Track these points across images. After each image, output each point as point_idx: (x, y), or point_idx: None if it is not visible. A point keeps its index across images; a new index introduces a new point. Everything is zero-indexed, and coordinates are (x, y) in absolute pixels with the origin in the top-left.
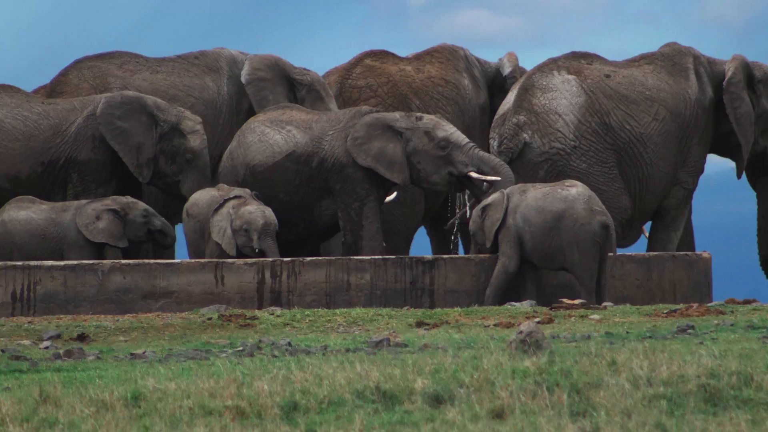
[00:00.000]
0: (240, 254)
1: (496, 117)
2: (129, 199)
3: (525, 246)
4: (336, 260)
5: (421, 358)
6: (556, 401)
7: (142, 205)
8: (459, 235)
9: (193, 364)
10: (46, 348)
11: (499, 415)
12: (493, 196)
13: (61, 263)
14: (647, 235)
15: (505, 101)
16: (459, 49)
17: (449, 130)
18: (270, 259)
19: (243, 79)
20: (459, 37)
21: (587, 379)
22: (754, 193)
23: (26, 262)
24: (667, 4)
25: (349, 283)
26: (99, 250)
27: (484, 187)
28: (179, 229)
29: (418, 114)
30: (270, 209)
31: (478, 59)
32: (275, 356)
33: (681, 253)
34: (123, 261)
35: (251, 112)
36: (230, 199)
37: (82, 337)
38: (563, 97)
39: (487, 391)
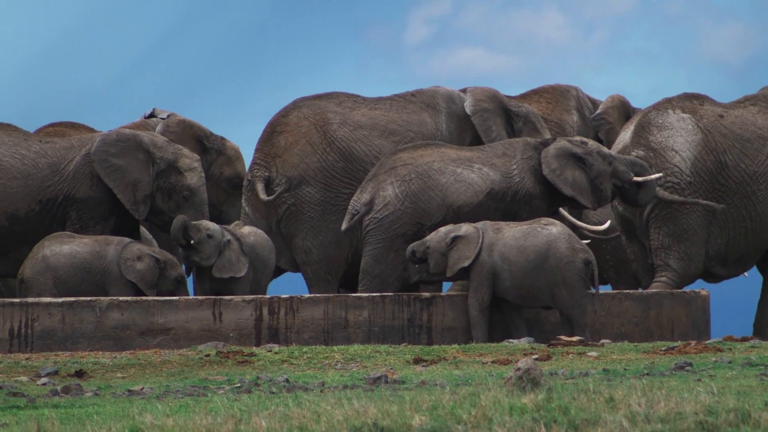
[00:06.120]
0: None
1: None
2: (173, 258)
3: (501, 284)
4: (334, 297)
5: (418, 394)
6: None
7: (181, 270)
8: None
9: (190, 401)
10: (44, 384)
11: None
12: (466, 229)
13: (59, 300)
14: (746, 275)
15: (618, 139)
16: (571, 89)
17: (605, 147)
18: (268, 296)
19: (468, 110)
20: (455, 75)
21: (585, 415)
22: None
23: (24, 299)
24: (663, 42)
25: (347, 320)
26: (140, 288)
27: (640, 196)
28: None
29: (578, 138)
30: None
31: (590, 98)
32: (273, 393)
33: (679, 291)
34: (121, 298)
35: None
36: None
37: (79, 374)
38: (679, 135)
39: (485, 427)
